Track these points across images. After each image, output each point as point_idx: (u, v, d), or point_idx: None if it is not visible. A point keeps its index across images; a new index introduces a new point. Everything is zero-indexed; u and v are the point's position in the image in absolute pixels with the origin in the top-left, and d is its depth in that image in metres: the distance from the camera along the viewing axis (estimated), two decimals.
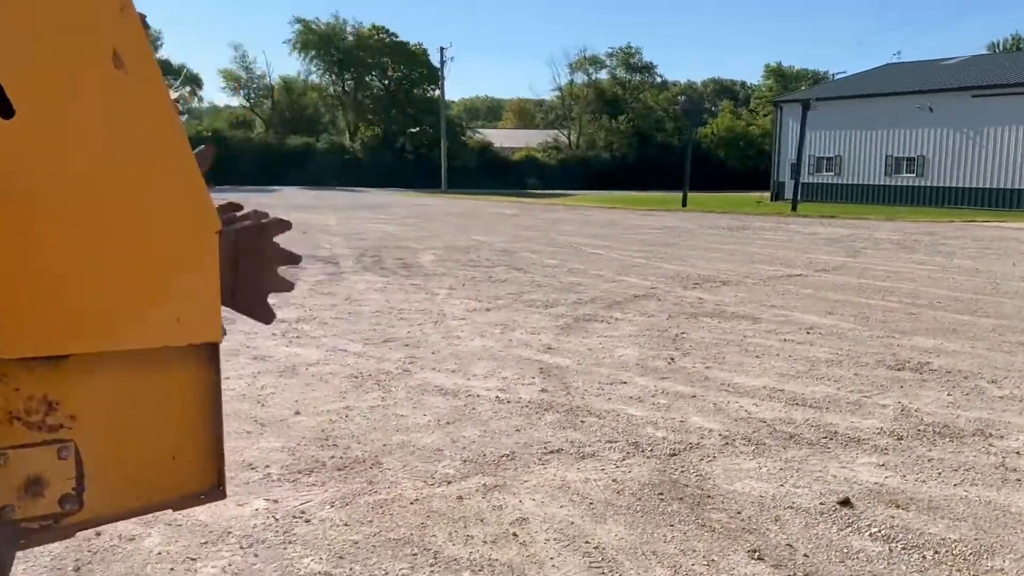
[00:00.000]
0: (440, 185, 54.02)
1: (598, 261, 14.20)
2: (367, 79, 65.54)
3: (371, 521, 3.63)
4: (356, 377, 6.11)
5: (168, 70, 59.12)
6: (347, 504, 3.81)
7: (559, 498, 3.91)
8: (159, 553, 3.30)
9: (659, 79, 76.94)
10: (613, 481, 4.14)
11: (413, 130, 62.89)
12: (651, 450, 4.60)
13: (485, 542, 3.44)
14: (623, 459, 4.46)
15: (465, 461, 4.39)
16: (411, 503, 3.83)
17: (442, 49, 57.44)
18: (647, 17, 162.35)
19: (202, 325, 1.68)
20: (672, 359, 6.84)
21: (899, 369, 6.55)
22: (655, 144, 68.05)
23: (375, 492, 3.95)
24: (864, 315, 9.03)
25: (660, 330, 8.07)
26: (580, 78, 75.87)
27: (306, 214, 26.18)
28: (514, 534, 3.52)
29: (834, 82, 49.84)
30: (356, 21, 69.26)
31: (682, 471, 4.29)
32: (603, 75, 75.64)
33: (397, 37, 64.83)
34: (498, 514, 3.72)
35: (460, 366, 6.49)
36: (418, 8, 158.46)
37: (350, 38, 64.56)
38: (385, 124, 63.94)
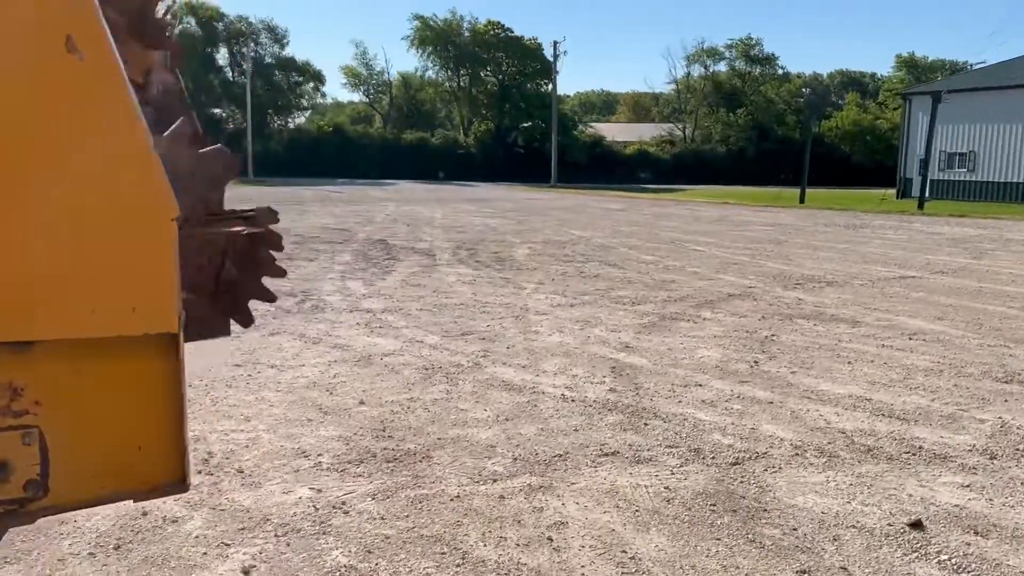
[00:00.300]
0: (550, 180, 54.00)
1: (698, 258, 13.80)
2: (482, 74, 66.19)
3: (408, 516, 3.59)
4: (427, 369, 6.12)
5: (292, 67, 61.56)
6: (388, 497, 3.79)
7: (604, 503, 3.77)
8: (196, 536, 3.36)
9: (781, 71, 74.35)
10: (665, 488, 3.96)
11: (525, 124, 63.11)
12: (712, 458, 4.38)
13: (518, 545, 3.34)
14: (680, 466, 4.26)
15: (516, 459, 4.30)
16: (451, 499, 3.77)
17: (555, 43, 57.36)
18: (769, 7, 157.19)
19: (158, 315, 1.65)
20: (756, 362, 6.52)
21: (1007, 381, 6.02)
22: (775, 138, 65.80)
23: (418, 487, 3.92)
24: (977, 321, 8.38)
25: (749, 332, 7.73)
26: (697, 70, 74.24)
27: (415, 207, 26.67)
28: (549, 538, 3.40)
29: (969, 73, 46.79)
30: (473, 17, 70.05)
31: (741, 481, 4.06)
32: (721, 67, 73.75)
33: (512, 32, 65.18)
34: (537, 516, 3.61)
35: (532, 362, 6.40)
36: (534, 3, 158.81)
37: (466, 34, 65.35)
38: (498, 118, 64.43)
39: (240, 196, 24.76)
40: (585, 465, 4.25)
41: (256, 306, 2.20)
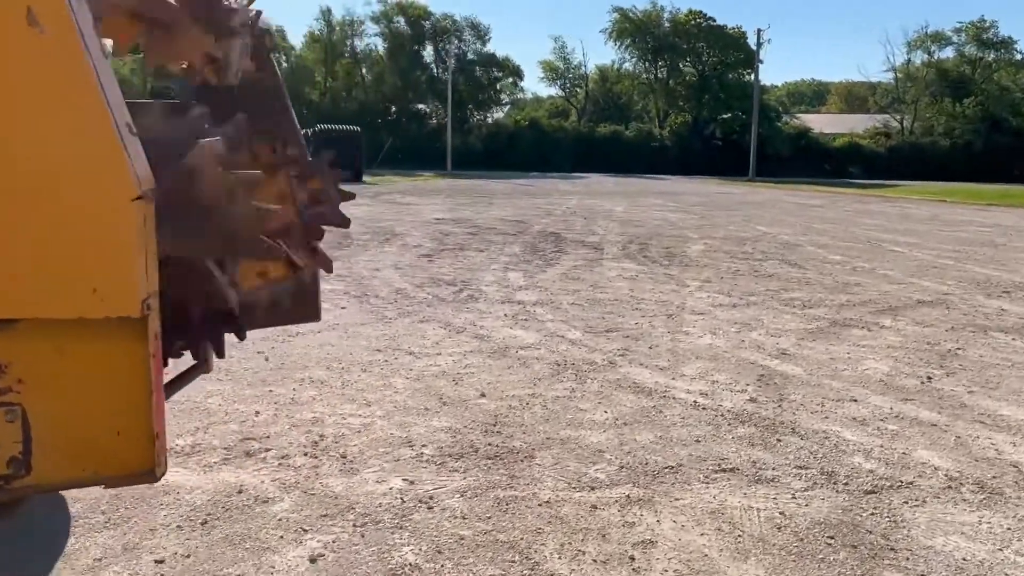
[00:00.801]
0: (748, 173, 51.82)
1: (893, 260, 12.61)
2: (681, 65, 64.67)
3: (490, 518, 3.45)
4: (558, 365, 5.95)
5: (493, 62, 63.13)
6: (476, 496, 3.67)
7: (704, 524, 3.44)
8: (280, 519, 3.41)
9: (1019, 55, 66.79)
10: (780, 514, 3.55)
11: (724, 116, 60.95)
12: (845, 483, 3.89)
13: (595, 561, 3.10)
14: (805, 489, 3.82)
15: (622, 467, 4.04)
16: (540, 504, 3.59)
17: (759, 31, 54.88)
18: None
19: (119, 298, 1.61)
20: (929, 378, 5.79)
21: None
22: (1008, 130, 59.29)
23: (511, 487, 3.77)
24: None
25: (931, 343, 6.91)
26: (919, 57, 68.33)
27: (598, 201, 26.48)
28: (631, 557, 3.14)
29: None
30: (674, 8, 68.58)
31: (872, 513, 3.56)
32: (947, 53, 67.40)
33: (714, 21, 63.15)
34: (625, 532, 3.35)
35: (672, 364, 6.05)
36: None
37: (666, 25, 64.08)
38: (695, 110, 62.70)
39: (432, 188, 25.90)
40: (696, 480, 3.91)
41: (413, 293, 2.13)
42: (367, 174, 35.98)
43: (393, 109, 58.06)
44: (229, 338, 3.59)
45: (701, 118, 62.25)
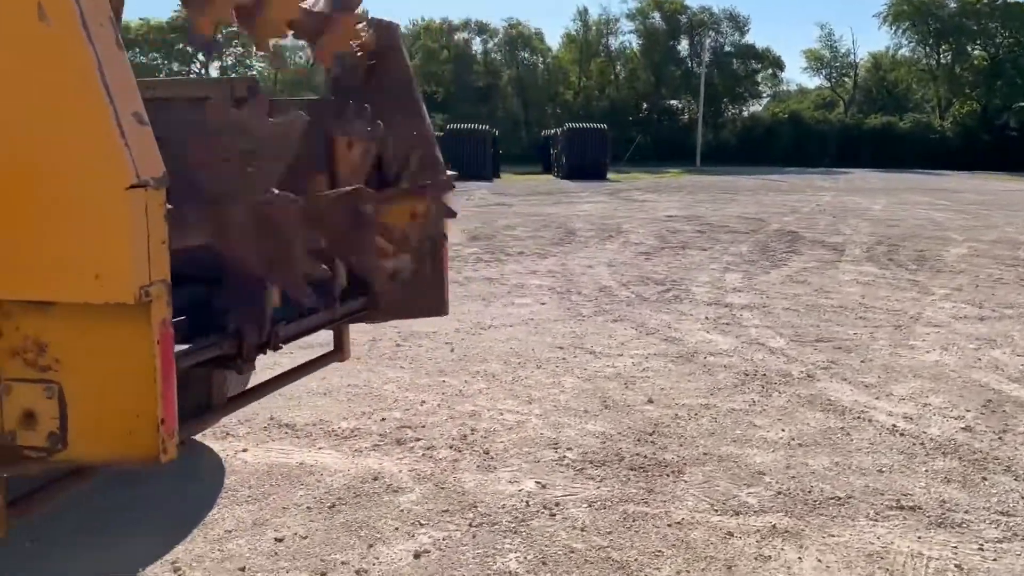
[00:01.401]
0: None
1: None
2: (969, 48, 57.96)
3: (610, 533, 3.24)
4: (746, 375, 5.50)
5: (751, 54, 60.59)
6: (605, 507, 3.46)
7: (856, 568, 2.98)
8: (402, 510, 3.43)
9: None
10: (955, 566, 2.99)
11: (1021, 104, 53.71)
12: None
13: None
14: (999, 541, 3.19)
15: (779, 494, 3.63)
16: (670, 525, 3.31)
17: None
18: None
19: (115, 285, 1.65)
20: None
21: None
22: None
23: (644, 503, 3.51)
24: None
25: None
26: None
27: (853, 197, 24.45)
28: None
29: None
30: None
31: None
32: None
33: None
34: (755, 566, 2.99)
35: (881, 381, 5.37)
36: None
37: (952, 5, 57.73)
38: (985, 98, 55.89)
39: (674, 185, 25.28)
40: (864, 516, 3.41)
41: (616, 292, 2.14)
42: (612, 171, 36.03)
43: (644, 106, 57.63)
44: (425, 328, 3.68)
45: (992, 107, 55.40)
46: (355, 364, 5.68)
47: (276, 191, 2.29)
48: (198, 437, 4.19)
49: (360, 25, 3.07)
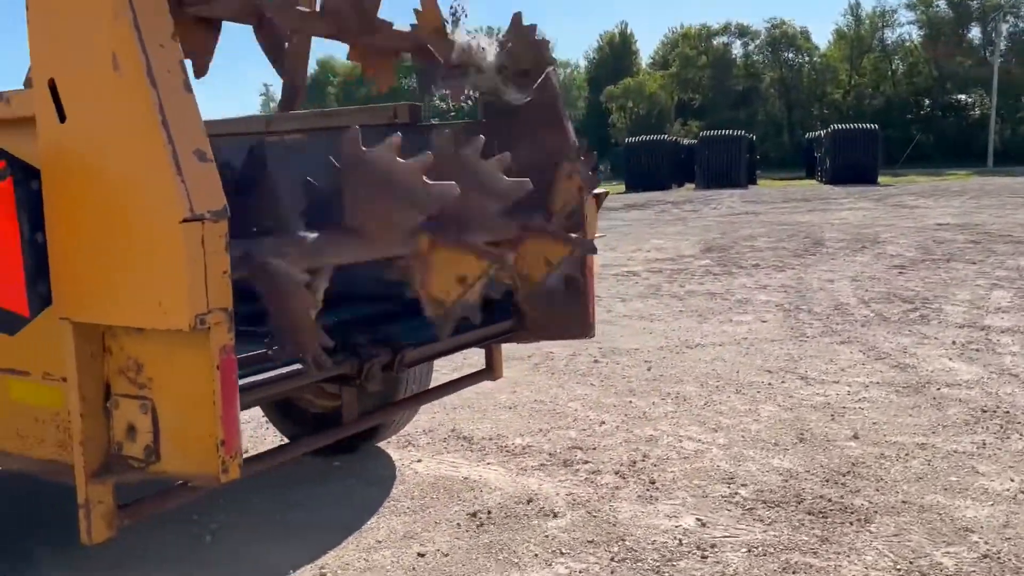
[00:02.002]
0: None
1: None
2: None
3: None
4: (983, 411, 4.76)
5: None
6: (765, 555, 3.14)
7: None
8: (547, 536, 3.35)
9: None
10: None
11: None
12: None
13: None
14: None
15: (985, 556, 3.08)
16: None
17: None
18: None
19: (174, 313, 1.75)
20: None
21: None
22: None
23: (813, 554, 3.14)
24: None
25: None
26: None
27: None
28: None
29: None
30: None
31: None
32: None
33: None
34: None
35: None
36: None
37: None
38: None
39: (954, 188, 22.95)
40: None
41: (853, 310, 2.12)
42: (886, 174, 33.17)
43: (926, 102, 52.43)
44: (628, 345, 3.63)
45: None
46: (548, 379, 5.70)
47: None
48: (381, 445, 4.41)
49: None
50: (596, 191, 3.38)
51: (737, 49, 58.35)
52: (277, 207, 2.22)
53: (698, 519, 3.47)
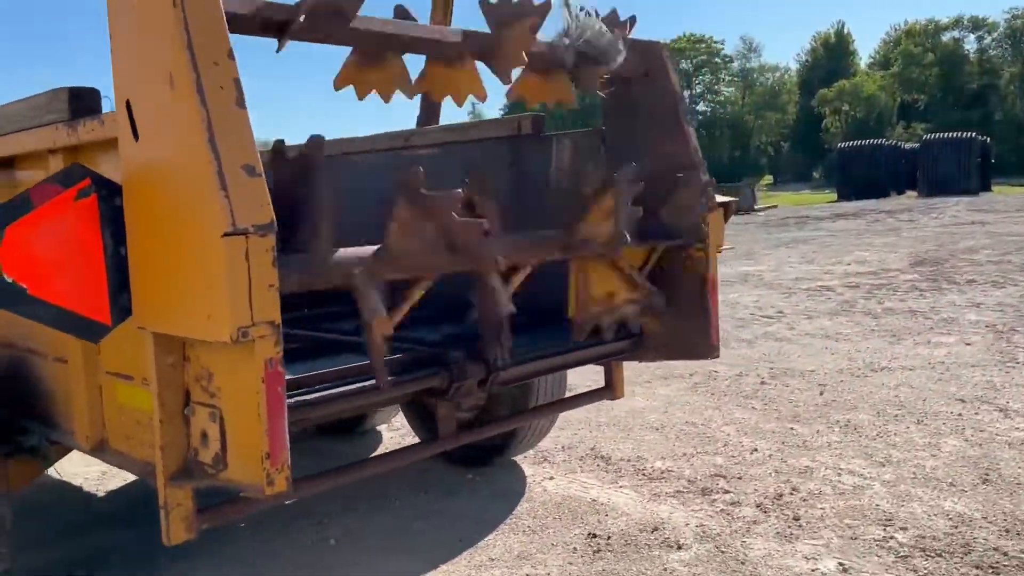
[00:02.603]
0: None
1: None
2: None
3: None
4: None
5: None
6: None
7: None
8: (665, 569, 3.13)
9: None
10: None
11: None
12: None
13: None
14: None
15: None
16: None
17: None
18: None
19: (219, 325, 1.78)
20: None
21: None
22: None
23: None
24: None
25: None
26: None
27: None
28: None
29: None
30: None
31: None
32: None
33: None
34: None
35: None
36: None
37: None
38: None
39: None
40: None
41: None
42: None
43: None
44: (802, 366, 3.44)
45: None
46: (706, 400, 5.40)
47: None
48: (517, 459, 4.35)
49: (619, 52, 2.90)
50: (724, 200, 3.13)
51: (970, 44, 53.19)
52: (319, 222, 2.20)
53: (840, 563, 3.10)
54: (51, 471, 3.36)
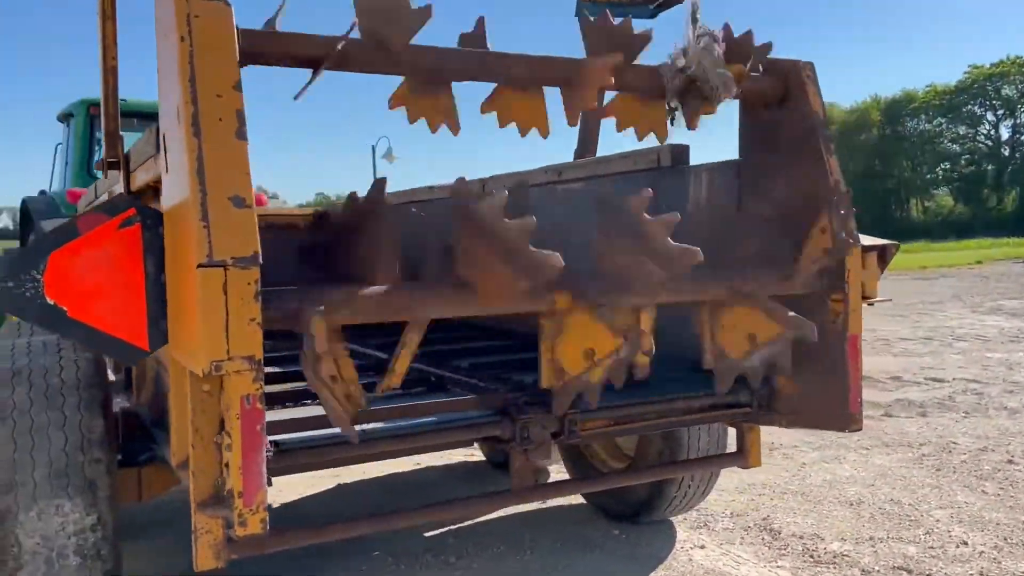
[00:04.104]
0: None
1: None
2: None
3: None
4: None
5: None
6: None
7: None
8: None
9: None
10: None
11: None
12: None
13: None
14: None
15: None
16: None
17: None
18: None
19: (197, 357, 1.76)
20: None
21: None
22: None
23: None
24: None
25: None
26: None
27: None
28: None
29: None
30: None
31: None
32: None
33: None
34: None
35: None
36: None
37: None
38: None
39: None
40: None
41: None
42: None
43: None
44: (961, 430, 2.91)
45: None
46: (927, 476, 4.60)
47: None
48: (676, 521, 3.97)
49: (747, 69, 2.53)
50: (875, 243, 2.61)
51: None
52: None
53: None
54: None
